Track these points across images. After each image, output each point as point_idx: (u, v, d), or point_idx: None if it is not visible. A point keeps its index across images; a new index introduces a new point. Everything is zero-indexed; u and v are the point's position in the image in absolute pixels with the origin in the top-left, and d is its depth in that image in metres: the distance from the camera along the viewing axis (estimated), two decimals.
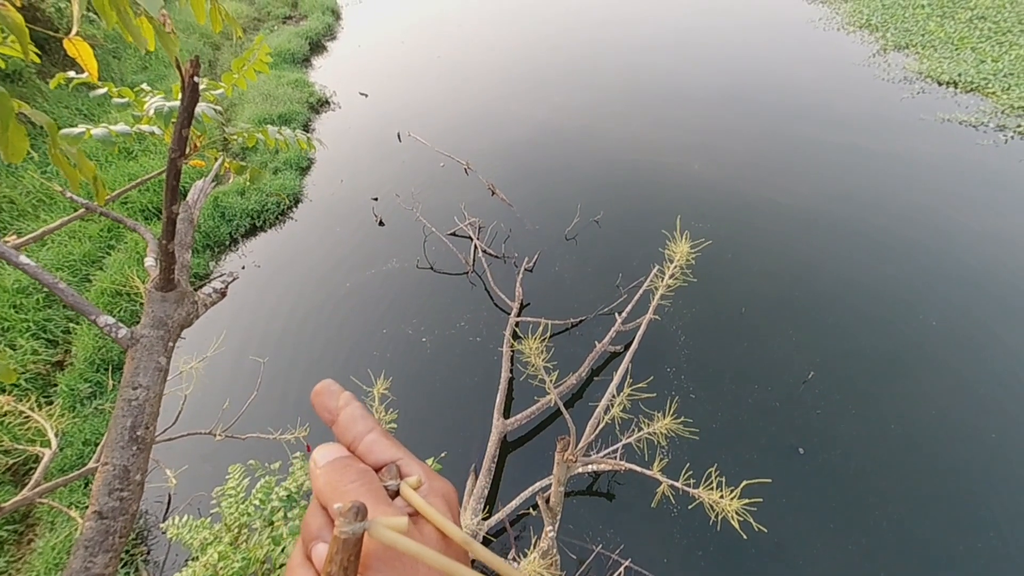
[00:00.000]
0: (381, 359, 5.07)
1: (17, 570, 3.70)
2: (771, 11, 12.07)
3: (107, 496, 0.59)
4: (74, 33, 0.74)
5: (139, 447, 0.63)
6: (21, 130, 0.67)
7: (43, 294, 5.19)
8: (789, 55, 10.08)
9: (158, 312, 0.68)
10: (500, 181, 6.89)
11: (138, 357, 0.65)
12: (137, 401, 0.63)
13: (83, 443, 4.22)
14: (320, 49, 12.27)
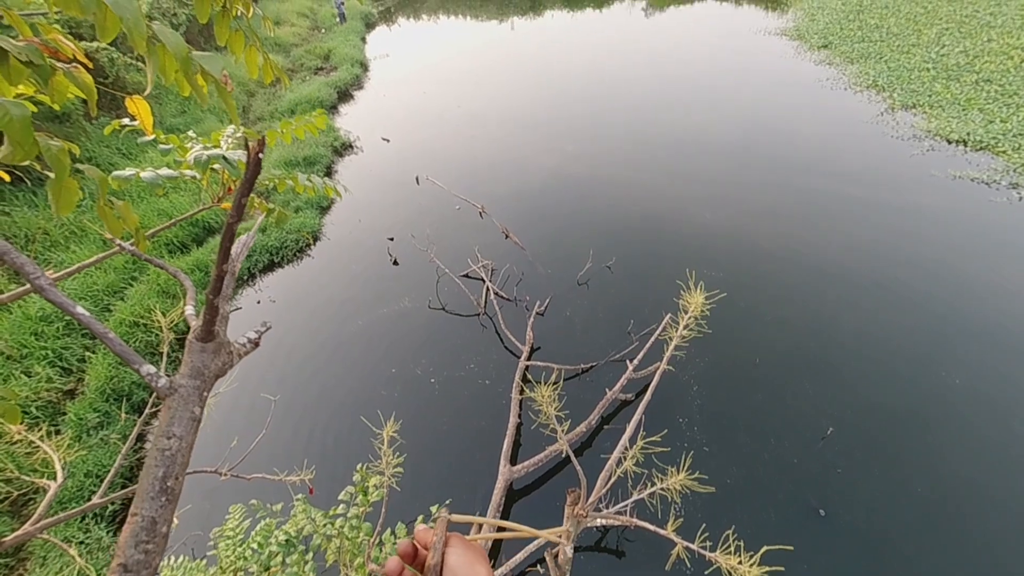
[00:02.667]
0: (389, 398, 5.02)
1: None
2: (780, 71, 12.55)
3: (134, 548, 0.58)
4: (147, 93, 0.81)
5: (168, 498, 0.63)
6: (74, 185, 0.72)
7: (64, 322, 5.31)
8: (798, 111, 10.38)
9: (196, 362, 0.70)
10: (514, 225, 7.03)
11: (174, 407, 0.67)
12: (170, 451, 0.64)
13: (84, 475, 4.18)
14: (347, 97, 12.96)
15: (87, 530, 3.90)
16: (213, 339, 0.73)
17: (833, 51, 13.39)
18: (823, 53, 13.42)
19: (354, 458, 3.43)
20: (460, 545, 0.60)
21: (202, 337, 0.71)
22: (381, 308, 6.13)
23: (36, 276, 0.59)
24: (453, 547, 0.59)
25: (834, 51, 13.37)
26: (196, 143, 1.45)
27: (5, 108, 0.61)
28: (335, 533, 2.38)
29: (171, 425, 0.65)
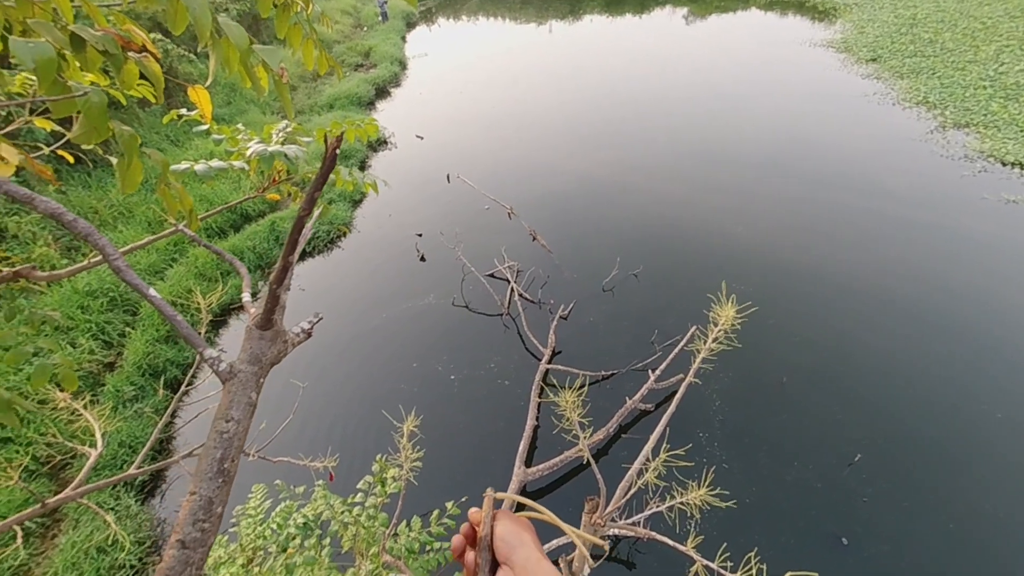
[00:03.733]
0: (408, 393, 5.09)
1: (37, 564, 3.77)
2: (824, 84, 12.18)
3: (191, 526, 0.61)
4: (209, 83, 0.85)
5: (224, 479, 0.66)
6: (140, 166, 0.76)
7: (107, 298, 5.57)
8: (842, 126, 10.06)
9: (255, 349, 0.73)
10: (541, 228, 7.03)
11: (233, 391, 0.69)
12: (228, 434, 0.66)
13: (118, 444, 4.37)
14: (385, 94, 13.19)
15: (118, 498, 4.07)
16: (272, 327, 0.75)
17: (882, 65, 12.91)
18: (871, 67, 12.96)
19: (373, 449, 3.49)
20: (507, 518, 0.66)
21: (261, 325, 0.74)
22: (406, 303, 6.22)
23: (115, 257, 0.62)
24: (500, 520, 0.66)
25: (883, 65, 12.89)
26: (245, 135, 1.51)
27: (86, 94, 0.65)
28: (352, 521, 2.43)
29: (230, 408, 0.67)
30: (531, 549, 0.61)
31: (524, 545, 0.61)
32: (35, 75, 0.60)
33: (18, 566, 3.68)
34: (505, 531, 0.64)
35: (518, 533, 0.63)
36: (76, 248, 6.12)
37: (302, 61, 1.26)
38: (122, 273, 0.63)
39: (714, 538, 2.01)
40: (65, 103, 0.66)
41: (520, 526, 0.65)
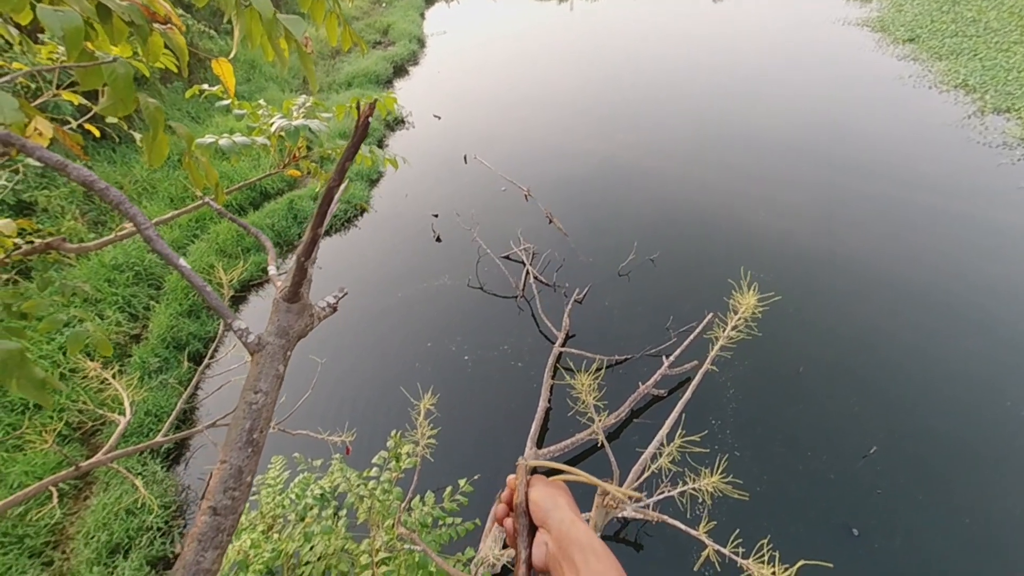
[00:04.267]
0: (423, 371, 5.16)
1: (71, 523, 3.97)
2: (856, 65, 11.69)
3: (222, 494, 0.63)
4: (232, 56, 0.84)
5: (253, 449, 0.67)
6: (166, 139, 0.77)
7: (132, 272, 5.71)
8: (873, 110, 9.67)
9: (282, 321, 0.74)
10: (558, 210, 6.96)
11: (262, 363, 0.71)
12: (256, 405, 0.68)
13: (144, 413, 4.53)
14: (403, 72, 13.07)
15: (145, 463, 4.24)
16: (299, 300, 0.76)
17: (920, 45, 12.32)
18: (908, 47, 12.38)
19: (388, 425, 3.55)
20: (540, 483, 0.70)
21: (288, 298, 0.75)
22: (421, 283, 6.26)
23: (146, 227, 0.63)
24: (534, 486, 0.69)
25: (921, 45, 12.30)
26: (266, 111, 1.51)
27: (112, 65, 0.65)
28: (367, 494, 2.49)
29: (258, 380, 0.69)
30: (565, 511, 0.63)
31: (558, 508, 0.63)
32: (63, 44, 0.60)
33: (54, 524, 3.88)
34: (539, 496, 0.66)
35: (552, 496, 0.66)
36: (102, 223, 6.26)
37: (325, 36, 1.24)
38: (153, 242, 0.64)
39: (724, 525, 2.02)
40: (92, 75, 0.66)
41: (554, 489, 0.67)
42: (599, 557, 0.57)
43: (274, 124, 1.23)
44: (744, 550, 1.75)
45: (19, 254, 1.12)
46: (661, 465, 1.87)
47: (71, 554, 3.75)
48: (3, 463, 4.02)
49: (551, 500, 0.65)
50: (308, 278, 0.78)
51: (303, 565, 2.43)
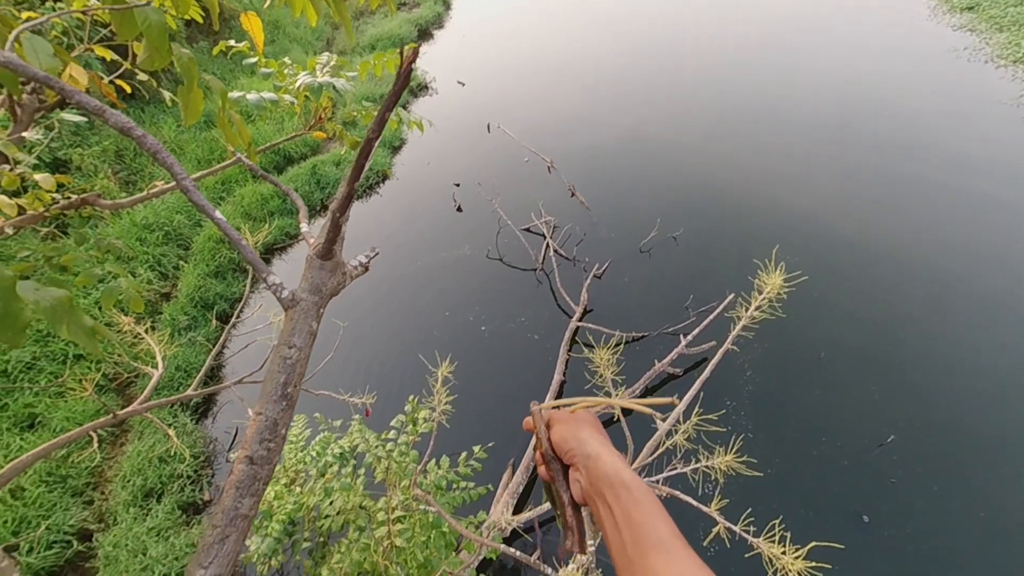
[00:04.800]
0: (440, 340, 5.23)
1: (109, 467, 4.23)
2: (906, 36, 10.96)
3: (258, 444, 0.65)
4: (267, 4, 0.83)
5: (287, 403, 0.69)
6: (200, 94, 0.76)
7: (163, 232, 5.86)
8: (921, 85, 9.11)
9: (316, 278, 0.75)
10: (581, 183, 6.84)
11: (295, 319, 0.72)
12: (291, 360, 0.69)
13: (175, 368, 4.73)
14: (427, 36, 12.77)
15: (175, 415, 4.46)
16: (332, 258, 0.77)
17: (979, 14, 11.46)
18: (965, 16, 11.53)
19: (405, 390, 3.65)
20: (560, 421, 0.67)
21: (322, 255, 0.75)
22: (441, 252, 6.27)
23: (182, 177, 0.63)
24: (554, 426, 0.67)
25: (980, 15, 11.44)
26: (292, 69, 1.49)
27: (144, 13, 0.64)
28: (385, 455, 2.58)
29: (292, 336, 0.70)
30: (589, 445, 0.61)
31: (582, 443, 0.61)
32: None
33: (93, 467, 4.13)
34: (561, 436, 0.64)
35: (574, 434, 0.63)
36: (133, 183, 6.40)
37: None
38: (190, 193, 0.65)
39: (735, 504, 2.03)
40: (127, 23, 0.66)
41: (575, 425, 0.65)
42: (630, 489, 0.54)
43: (299, 81, 1.21)
44: (755, 529, 1.76)
45: (57, 208, 1.15)
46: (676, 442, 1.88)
47: (109, 495, 4.01)
48: (46, 409, 4.27)
49: (573, 438, 0.63)
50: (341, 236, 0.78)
51: (323, 518, 2.55)
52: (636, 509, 0.53)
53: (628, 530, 0.52)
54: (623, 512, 0.53)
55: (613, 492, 0.55)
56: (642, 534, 0.51)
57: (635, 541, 0.51)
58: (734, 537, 1.83)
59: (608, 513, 0.55)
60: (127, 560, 3.48)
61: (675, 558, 0.49)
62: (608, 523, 0.55)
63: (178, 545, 3.61)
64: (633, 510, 0.53)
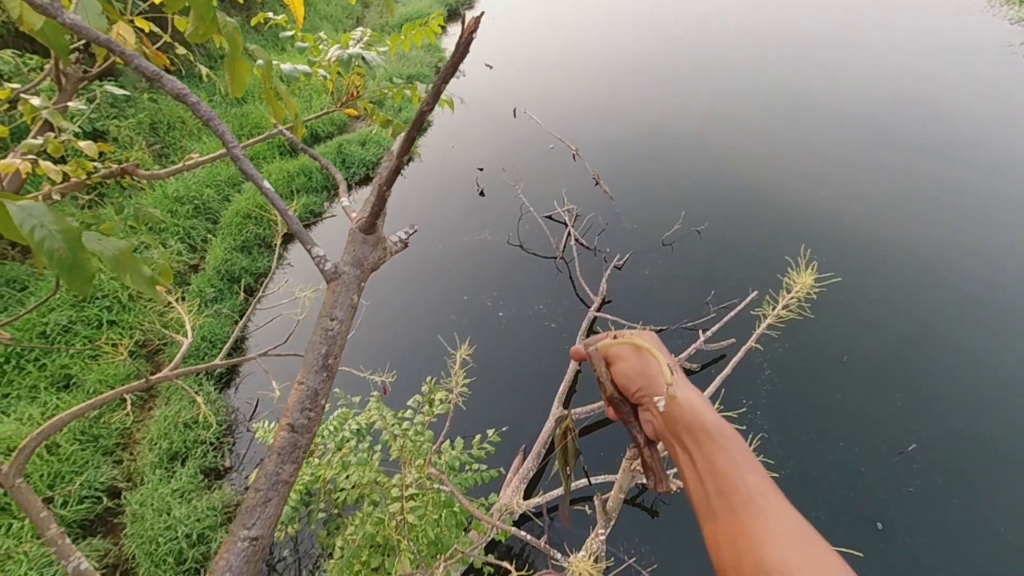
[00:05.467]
0: (458, 323, 5.27)
1: (137, 429, 4.41)
2: (960, 30, 10.41)
3: (299, 413, 0.68)
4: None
5: (328, 374, 0.71)
6: (246, 65, 0.77)
7: (192, 205, 6.00)
8: (971, 84, 8.67)
9: (358, 252, 0.76)
10: (605, 173, 6.74)
11: (337, 291, 0.73)
12: (332, 332, 0.71)
13: (201, 339, 4.88)
14: (456, 17, 12.63)
15: (200, 384, 4.61)
16: (374, 232, 0.78)
17: None
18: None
19: (420, 370, 3.69)
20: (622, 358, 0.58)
21: (365, 228, 0.76)
22: (462, 236, 6.29)
23: (233, 145, 0.65)
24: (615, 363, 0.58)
25: None
26: (326, 44, 1.50)
27: None
28: (401, 433, 2.63)
29: (334, 308, 0.72)
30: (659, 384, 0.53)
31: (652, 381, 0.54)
32: None
33: (124, 428, 4.31)
34: (625, 376, 0.56)
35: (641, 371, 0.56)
36: (166, 155, 6.55)
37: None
38: (240, 161, 0.66)
39: None
40: None
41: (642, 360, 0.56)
42: (712, 435, 0.47)
43: (330, 54, 1.21)
44: None
45: (98, 176, 1.19)
46: None
47: (137, 456, 4.19)
48: (81, 370, 4.46)
49: (640, 376, 0.55)
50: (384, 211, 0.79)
51: (339, 491, 2.62)
52: (721, 457, 0.46)
53: (712, 481, 0.46)
54: (706, 461, 0.47)
55: (693, 438, 0.48)
56: (729, 487, 0.45)
57: (721, 494, 0.45)
58: None
59: (688, 460, 0.49)
60: (152, 518, 3.64)
61: (770, 516, 0.42)
62: (688, 471, 0.49)
63: (199, 507, 3.76)
64: (718, 459, 0.46)
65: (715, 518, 0.45)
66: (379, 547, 2.42)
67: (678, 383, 0.51)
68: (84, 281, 0.54)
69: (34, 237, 0.50)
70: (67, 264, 0.52)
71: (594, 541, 1.85)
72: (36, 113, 1.10)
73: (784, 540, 0.41)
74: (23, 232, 0.49)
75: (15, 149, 1.17)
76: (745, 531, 0.42)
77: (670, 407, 0.50)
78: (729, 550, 0.43)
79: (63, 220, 0.52)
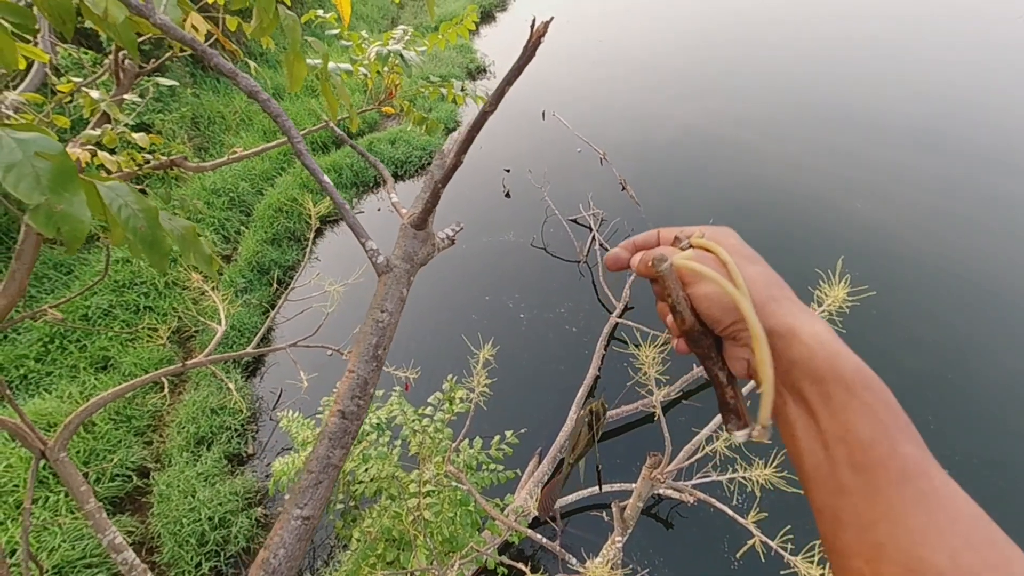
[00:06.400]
0: (479, 323, 5.29)
1: (167, 412, 4.56)
2: (1013, 33, 9.96)
3: (349, 400, 0.70)
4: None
5: (377, 364, 0.73)
6: (303, 61, 0.79)
7: (228, 198, 6.19)
8: (1021, 94, 8.28)
9: (408, 247, 0.78)
10: (633, 177, 6.68)
11: (388, 284, 0.75)
12: (382, 324, 0.73)
13: (231, 327, 5.02)
14: (489, 19, 12.73)
15: (228, 371, 4.75)
16: (425, 228, 0.79)
17: None
18: None
19: (440, 368, 3.72)
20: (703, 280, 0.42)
21: (417, 224, 0.78)
22: (485, 236, 6.32)
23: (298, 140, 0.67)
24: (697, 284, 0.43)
25: None
26: (368, 42, 1.53)
27: None
28: (420, 429, 2.65)
29: (385, 300, 0.73)
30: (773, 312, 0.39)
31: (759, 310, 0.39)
32: None
33: (155, 411, 4.47)
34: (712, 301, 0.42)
35: (773, 287, 0.41)
36: (205, 149, 6.78)
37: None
38: (303, 156, 0.68)
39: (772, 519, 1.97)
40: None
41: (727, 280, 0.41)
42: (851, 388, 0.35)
43: (371, 51, 1.24)
44: (792, 547, 1.70)
45: (149, 167, 1.24)
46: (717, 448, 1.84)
47: (166, 439, 4.33)
48: (118, 353, 4.64)
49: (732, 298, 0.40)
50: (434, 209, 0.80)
51: (357, 483, 2.66)
52: (863, 420, 0.34)
53: (844, 449, 0.34)
54: (838, 422, 0.34)
55: (821, 390, 0.36)
56: (872, 459, 0.33)
57: (858, 468, 0.33)
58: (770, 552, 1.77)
59: (806, 418, 0.37)
60: (178, 499, 3.76)
61: (935, 503, 0.31)
62: (805, 432, 0.37)
63: (222, 492, 3.87)
64: (858, 421, 0.34)
65: (842, 493, 0.34)
66: (395, 541, 2.44)
67: (798, 315, 0.38)
68: (162, 256, 0.57)
69: (120, 216, 0.53)
70: (148, 240, 0.55)
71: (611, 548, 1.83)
72: (95, 106, 1.16)
73: (956, 538, 0.30)
74: (110, 210, 0.52)
75: (73, 139, 1.23)
76: (894, 519, 0.31)
77: (788, 346, 0.37)
78: (860, 536, 0.33)
79: (144, 200, 0.55)
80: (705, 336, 0.44)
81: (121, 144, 1.45)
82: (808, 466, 0.37)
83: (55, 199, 0.44)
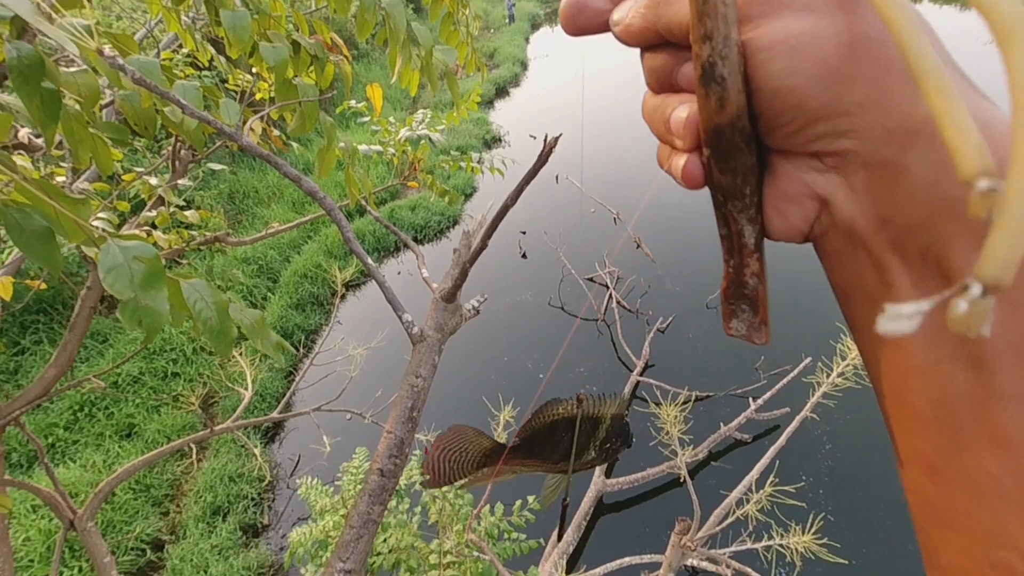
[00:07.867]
0: (498, 384, 5.25)
1: (185, 480, 4.53)
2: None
3: (387, 460, 0.74)
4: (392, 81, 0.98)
5: (412, 425, 0.78)
6: (335, 153, 0.90)
7: (256, 266, 6.48)
8: None
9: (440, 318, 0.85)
10: (647, 236, 6.82)
11: (422, 352, 0.82)
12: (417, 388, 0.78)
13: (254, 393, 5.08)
14: (504, 94, 13.67)
15: (248, 437, 4.74)
16: (454, 301, 0.86)
17: None
18: None
19: None
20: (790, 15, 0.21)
21: (447, 297, 0.85)
22: (504, 297, 6.41)
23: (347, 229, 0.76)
24: (768, 23, 0.21)
25: None
26: (394, 126, 1.69)
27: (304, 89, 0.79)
28: (440, 495, 2.59)
29: (419, 367, 0.79)
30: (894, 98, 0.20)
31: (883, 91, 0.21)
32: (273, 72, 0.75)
33: (173, 480, 4.45)
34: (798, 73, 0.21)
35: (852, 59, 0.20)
36: (239, 222, 7.21)
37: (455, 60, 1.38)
38: (351, 243, 0.77)
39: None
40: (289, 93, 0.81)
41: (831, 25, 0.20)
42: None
43: (400, 135, 1.38)
44: None
45: (195, 244, 1.36)
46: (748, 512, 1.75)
47: (183, 508, 4.28)
48: (143, 420, 4.71)
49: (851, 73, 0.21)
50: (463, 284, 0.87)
51: (375, 555, 2.57)
52: None
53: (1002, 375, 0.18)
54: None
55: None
56: None
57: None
58: None
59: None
60: (190, 575, 3.65)
61: None
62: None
63: (235, 566, 3.74)
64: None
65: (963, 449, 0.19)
66: None
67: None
68: (227, 345, 0.65)
69: (196, 309, 0.61)
70: (215, 331, 0.62)
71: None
72: (152, 191, 1.30)
73: None
74: (189, 304, 0.60)
75: (130, 220, 1.36)
76: None
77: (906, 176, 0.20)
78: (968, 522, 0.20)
79: (218, 294, 0.62)
80: (746, 144, 0.25)
81: (173, 223, 1.59)
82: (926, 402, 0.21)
83: (143, 295, 0.52)
